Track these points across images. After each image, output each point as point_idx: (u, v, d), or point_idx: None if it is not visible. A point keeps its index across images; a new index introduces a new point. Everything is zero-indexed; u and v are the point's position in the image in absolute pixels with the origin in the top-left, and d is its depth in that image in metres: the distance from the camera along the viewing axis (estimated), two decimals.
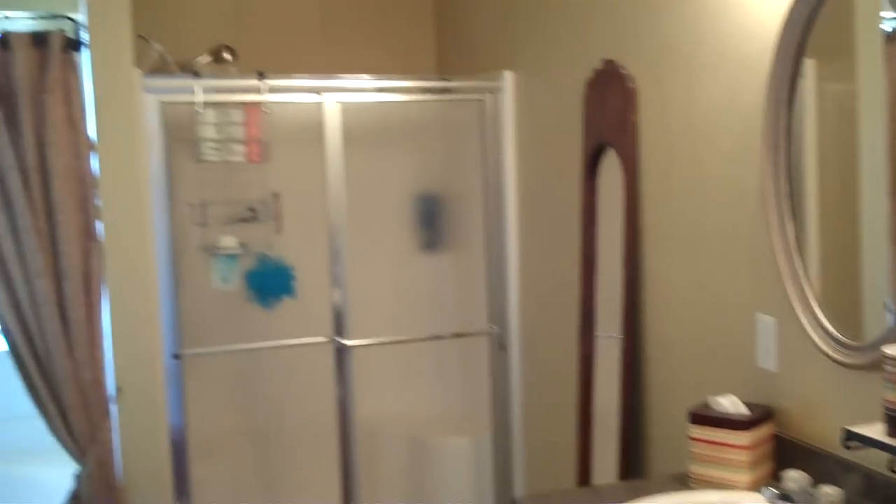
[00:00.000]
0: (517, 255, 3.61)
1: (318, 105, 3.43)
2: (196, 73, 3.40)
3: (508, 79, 3.56)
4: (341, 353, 3.48)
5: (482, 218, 3.72)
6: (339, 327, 3.48)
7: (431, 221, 4.15)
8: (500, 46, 3.68)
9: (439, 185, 4.14)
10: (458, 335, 3.82)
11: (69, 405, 2.99)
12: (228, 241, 3.54)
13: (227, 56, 3.71)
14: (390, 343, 3.76)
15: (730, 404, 2.19)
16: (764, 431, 2.14)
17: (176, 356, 3.27)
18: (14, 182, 2.94)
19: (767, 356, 2.21)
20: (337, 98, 3.43)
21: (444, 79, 3.99)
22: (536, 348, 3.54)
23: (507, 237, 3.62)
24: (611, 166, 2.88)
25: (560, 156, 3.22)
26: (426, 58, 4.30)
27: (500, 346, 3.66)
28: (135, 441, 3.16)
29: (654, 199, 2.68)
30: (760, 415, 2.15)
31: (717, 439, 2.14)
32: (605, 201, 2.94)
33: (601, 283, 2.97)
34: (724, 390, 2.27)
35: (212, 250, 3.51)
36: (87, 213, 3.05)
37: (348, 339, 3.48)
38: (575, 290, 3.07)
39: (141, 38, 3.37)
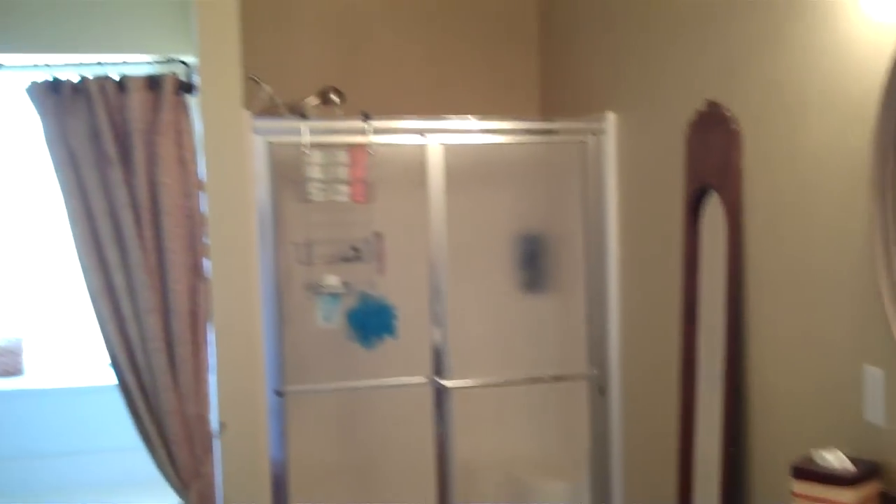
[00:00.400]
0: (618, 297, 3.57)
1: (422, 146, 3.47)
2: (304, 115, 3.48)
3: (611, 120, 3.54)
4: (440, 393, 3.48)
5: (583, 259, 3.70)
6: (439, 368, 3.49)
7: (532, 262, 4.14)
8: (603, 88, 3.66)
9: (540, 226, 4.13)
10: (557, 378, 3.79)
11: (173, 439, 3.07)
12: (332, 280, 3.58)
13: (334, 98, 3.79)
14: (489, 385, 3.75)
15: (835, 459, 2.11)
16: (870, 489, 2.06)
17: (278, 393, 3.32)
18: (126, 220, 3.04)
19: (875, 410, 2.13)
20: (440, 139, 3.47)
21: (546, 120, 4.00)
22: (637, 392, 3.48)
23: (607, 279, 3.58)
24: (713, 209, 2.84)
25: (662, 198, 3.19)
26: (530, 99, 4.31)
27: (599, 389, 3.62)
28: (236, 476, 3.21)
29: (757, 243, 2.62)
30: (866, 471, 2.07)
31: (820, 496, 2.06)
32: (708, 245, 2.89)
33: (702, 328, 2.91)
34: (829, 444, 2.20)
35: (315, 289, 3.56)
36: (195, 251, 3.13)
37: (448, 379, 3.48)
38: (676, 334, 3.02)
39: (251, 80, 3.46)
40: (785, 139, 2.46)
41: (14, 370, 4.29)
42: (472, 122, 3.57)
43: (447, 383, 3.48)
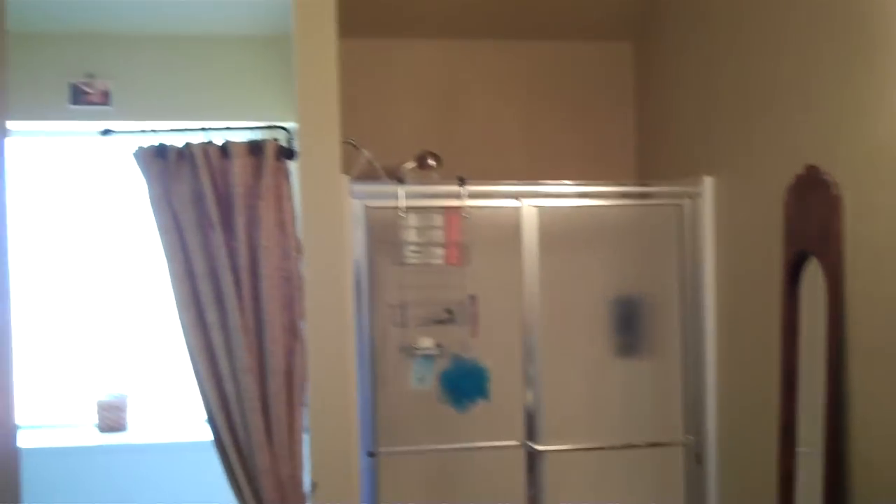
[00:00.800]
0: (715, 362, 3.51)
1: (517, 209, 3.49)
2: (401, 179, 3.53)
3: (707, 184, 3.51)
4: (533, 457, 3.45)
5: (679, 324, 3.65)
6: (531, 431, 3.47)
7: (627, 326, 4.10)
8: (700, 151, 3.64)
9: (636, 289, 4.09)
10: (652, 444, 3.72)
11: (267, 498, 3.10)
12: (426, 342, 3.60)
13: (431, 162, 3.84)
14: (582, 449, 3.70)
15: None
16: None
17: (371, 454, 3.34)
18: (226, 281, 3.11)
19: None
20: (535, 202, 3.48)
21: (643, 184, 3.98)
22: (734, 461, 3.40)
23: (704, 344, 3.53)
24: (813, 275, 2.78)
25: (760, 262, 3.13)
26: (626, 162, 4.31)
27: (696, 457, 3.54)
28: None
29: (859, 310, 2.55)
30: None
31: None
32: (807, 312, 2.83)
33: (802, 397, 2.84)
34: None
35: (409, 351, 3.58)
36: (292, 313, 3.19)
37: (540, 443, 3.46)
38: (775, 402, 2.95)
39: (350, 145, 3.54)
40: (888, 203, 2.41)
41: (118, 426, 4.39)
42: (566, 186, 3.58)
43: (540, 447, 3.46)
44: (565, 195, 3.61)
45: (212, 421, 3.16)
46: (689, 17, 3.76)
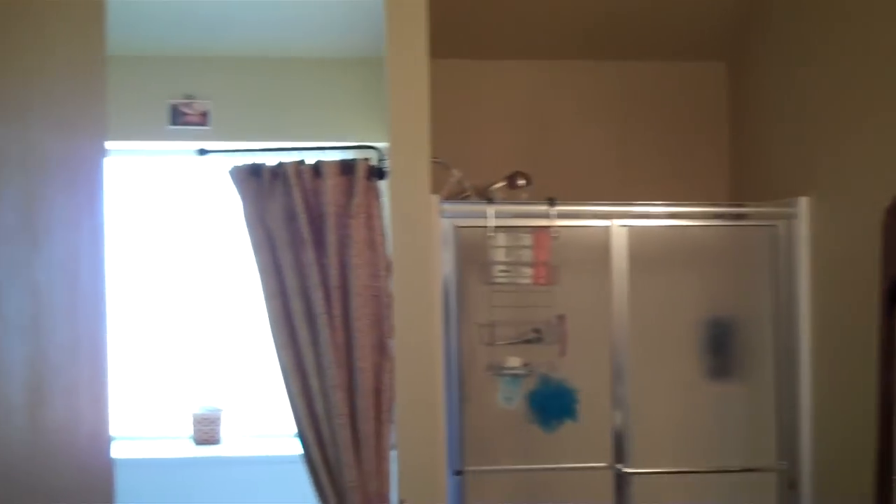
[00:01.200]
0: (810, 387, 3.43)
1: (606, 228, 3.48)
2: (490, 199, 3.55)
3: (803, 205, 3.45)
4: (621, 479, 3.42)
5: (773, 347, 3.58)
6: (620, 453, 3.44)
7: (719, 348, 4.03)
8: (796, 172, 3.58)
9: (728, 311, 4.02)
10: (744, 469, 3.65)
11: None
12: (513, 362, 3.60)
13: (520, 182, 3.85)
14: (672, 472, 3.65)
15: None
16: None
17: (458, 472, 3.35)
18: (317, 299, 3.17)
19: None
20: (625, 223, 3.47)
21: (736, 205, 3.93)
22: (829, 489, 3.32)
23: (799, 368, 3.46)
24: None
25: (856, 286, 3.06)
26: (719, 183, 4.25)
27: (789, 483, 3.47)
28: None
29: None
30: None
31: None
32: None
33: None
34: None
35: (497, 370, 3.59)
36: (381, 331, 3.22)
37: (629, 466, 3.43)
38: (872, 428, 2.87)
39: (440, 165, 3.57)
40: None
41: (212, 439, 4.49)
42: (657, 206, 3.55)
43: (628, 470, 3.42)
44: (656, 216, 3.58)
45: (301, 436, 3.20)
46: (784, 34, 3.71)
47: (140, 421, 4.56)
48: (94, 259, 2.34)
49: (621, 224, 3.46)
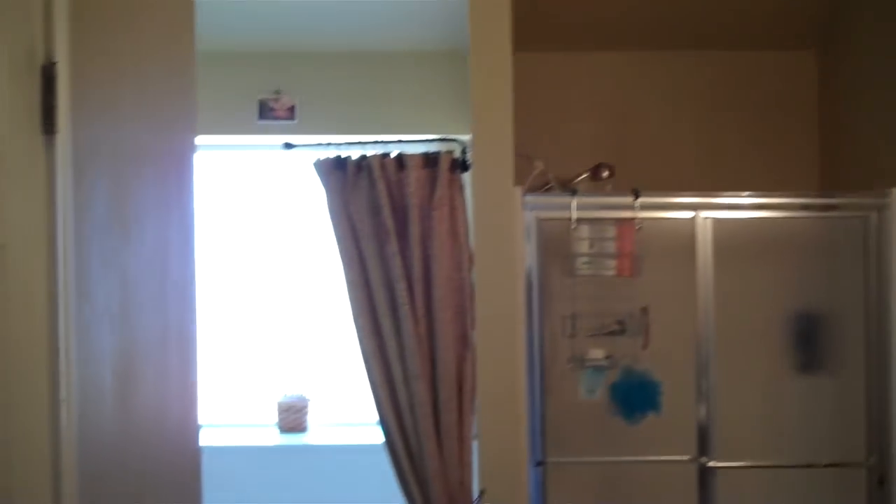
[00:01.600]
0: None
1: (691, 220, 3.45)
2: (573, 191, 3.54)
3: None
4: (704, 473, 3.39)
5: (863, 340, 3.51)
6: (704, 447, 3.41)
7: (806, 341, 3.96)
8: (887, 162, 3.50)
9: (816, 304, 3.95)
10: (831, 465, 3.59)
11: (436, 501, 3.16)
12: (596, 354, 3.60)
13: (604, 174, 3.83)
14: (758, 467, 3.61)
15: None
16: None
17: (539, 463, 3.36)
18: (400, 290, 3.21)
19: None
20: (711, 214, 3.43)
21: (826, 195, 3.85)
22: None
23: (891, 362, 3.38)
24: None
25: None
26: (808, 173, 4.18)
27: (878, 479, 3.40)
28: None
29: None
30: None
31: None
32: None
33: None
34: None
35: (579, 362, 3.58)
36: (463, 322, 3.25)
37: (713, 459, 3.39)
38: None
39: (523, 157, 3.57)
40: None
41: (298, 427, 4.57)
42: (743, 197, 3.51)
43: (712, 463, 3.39)
44: (742, 206, 3.53)
45: (384, 425, 3.25)
46: (876, 21, 3.63)
47: (227, 409, 4.67)
48: (184, 250, 2.41)
49: (707, 215, 3.43)
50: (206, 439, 2.95)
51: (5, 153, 1.67)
